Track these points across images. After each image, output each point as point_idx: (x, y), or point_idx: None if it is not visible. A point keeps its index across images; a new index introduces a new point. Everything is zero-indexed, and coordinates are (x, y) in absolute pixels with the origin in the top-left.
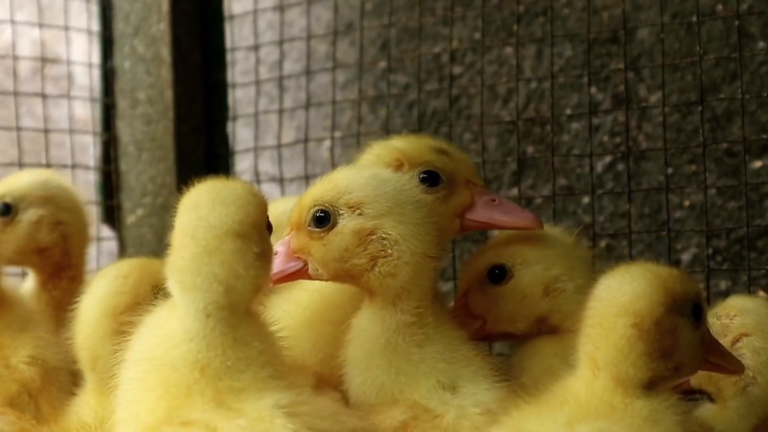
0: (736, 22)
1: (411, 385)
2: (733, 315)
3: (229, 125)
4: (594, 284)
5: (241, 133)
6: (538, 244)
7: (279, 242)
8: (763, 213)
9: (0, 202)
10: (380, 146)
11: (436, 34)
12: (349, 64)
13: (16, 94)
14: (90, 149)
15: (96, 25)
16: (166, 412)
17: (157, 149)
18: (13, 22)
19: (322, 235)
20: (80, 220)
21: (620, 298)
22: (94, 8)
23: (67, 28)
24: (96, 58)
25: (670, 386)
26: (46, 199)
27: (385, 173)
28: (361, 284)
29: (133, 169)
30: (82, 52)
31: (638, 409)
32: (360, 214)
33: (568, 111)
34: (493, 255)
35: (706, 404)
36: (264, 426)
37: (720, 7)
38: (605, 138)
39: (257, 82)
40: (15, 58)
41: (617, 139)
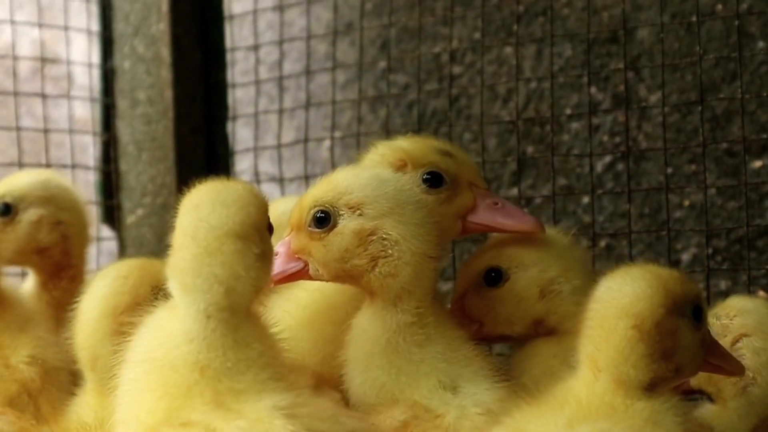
0: (736, 22)
1: (411, 386)
2: (733, 315)
3: (229, 125)
4: (591, 285)
5: (240, 133)
6: (534, 246)
7: (279, 243)
8: (763, 213)
9: (0, 202)
10: (384, 146)
11: (435, 34)
12: (348, 64)
13: (16, 94)
14: (90, 149)
15: (96, 25)
16: (165, 414)
17: (157, 149)
18: (12, 22)
19: (323, 236)
20: (80, 220)
21: (621, 299)
22: (94, 8)
23: (66, 28)
24: (96, 58)
25: (670, 387)
26: (46, 199)
27: (386, 174)
28: (362, 285)
29: (133, 169)
30: (82, 52)
31: (639, 410)
32: (360, 215)
33: (568, 111)
34: (489, 258)
35: (705, 404)
36: (263, 427)
37: (720, 6)
38: (605, 138)
39: (257, 82)
40: (15, 58)
41: (617, 139)
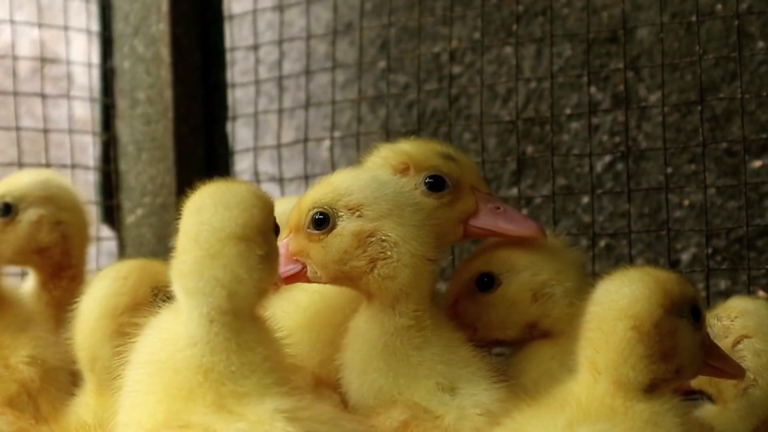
0: (736, 22)
1: (410, 387)
2: (734, 317)
3: (229, 125)
4: (584, 286)
5: (240, 133)
6: (525, 250)
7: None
8: (763, 212)
9: (0, 202)
10: (387, 149)
11: (435, 34)
12: (348, 64)
13: (16, 94)
14: (89, 149)
15: (95, 25)
16: (165, 416)
17: (157, 149)
18: (12, 22)
19: (321, 238)
20: (80, 220)
21: (619, 301)
22: (94, 8)
23: (66, 28)
24: (95, 58)
25: (671, 389)
26: (46, 198)
27: (385, 176)
28: (360, 287)
29: (133, 169)
30: (82, 52)
31: (639, 411)
32: (359, 216)
33: (568, 111)
34: (481, 263)
35: (706, 405)
36: (263, 429)
37: (719, 6)
38: (605, 138)
39: (257, 82)
40: (15, 58)
41: (617, 139)
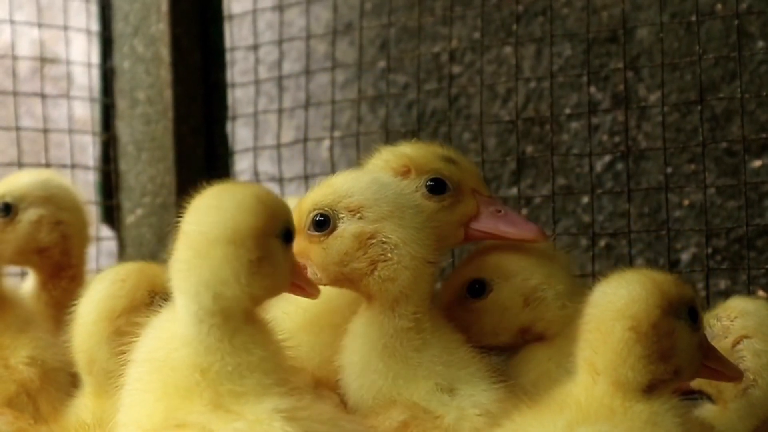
0: (736, 22)
1: (409, 388)
2: (734, 317)
3: (229, 125)
4: (575, 288)
5: (240, 133)
6: (515, 255)
7: None
8: (763, 212)
9: (0, 202)
10: (388, 152)
11: (435, 34)
12: (348, 64)
13: (16, 94)
14: (89, 149)
15: (95, 25)
16: (163, 415)
17: (157, 149)
18: (12, 22)
19: (322, 239)
20: (80, 220)
21: (616, 302)
22: (94, 8)
23: (66, 28)
24: (95, 58)
25: (670, 390)
26: (46, 198)
27: (385, 178)
28: (360, 289)
29: (133, 169)
30: (82, 52)
31: (638, 412)
32: (360, 218)
33: (568, 110)
34: (471, 270)
35: (706, 405)
36: (261, 429)
37: (719, 6)
38: (604, 137)
39: (256, 82)
40: (14, 58)
41: (616, 139)
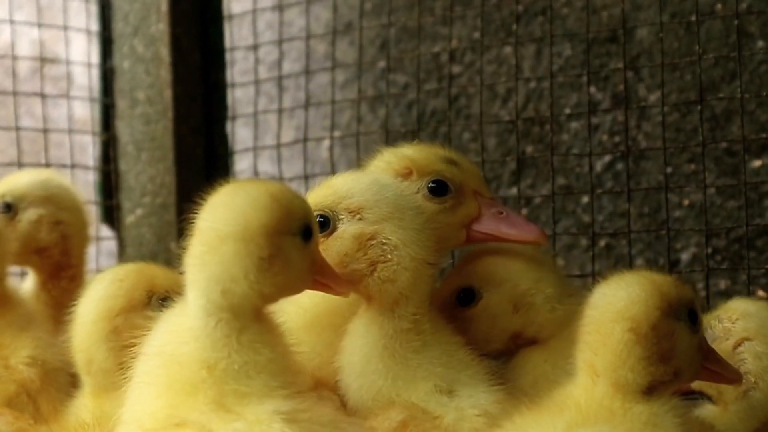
0: (736, 22)
1: (408, 389)
2: (735, 319)
3: (229, 125)
4: (564, 290)
5: (240, 133)
6: (502, 261)
7: None
8: (763, 212)
9: (0, 202)
10: (390, 154)
11: (435, 34)
12: (348, 64)
13: (16, 93)
14: (89, 149)
15: (95, 25)
16: (166, 412)
17: (157, 149)
18: (12, 21)
19: (322, 240)
20: (80, 220)
21: (616, 304)
22: (93, 8)
23: (66, 28)
24: (95, 58)
25: (669, 392)
26: (46, 198)
27: (385, 179)
28: (360, 289)
29: (133, 169)
30: (82, 52)
31: (638, 413)
32: (360, 219)
33: (568, 110)
34: (460, 278)
35: (706, 405)
36: (261, 430)
37: (719, 6)
38: (604, 137)
39: (256, 82)
40: (14, 58)
41: (616, 139)
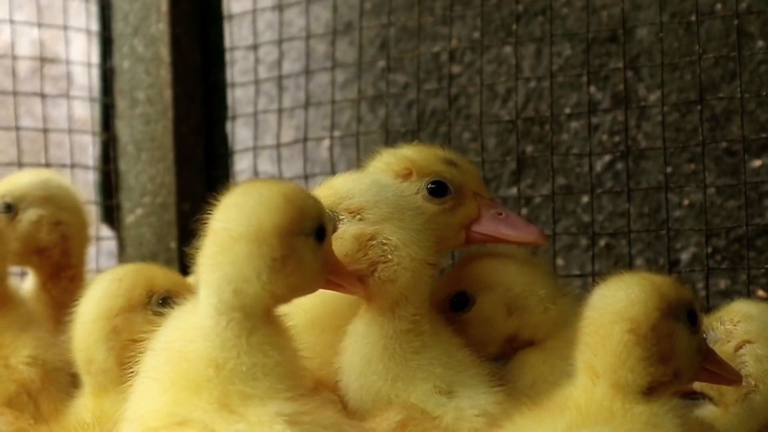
0: (735, 22)
1: (408, 390)
2: (737, 321)
3: (229, 125)
4: (556, 291)
5: (240, 133)
6: (495, 265)
7: None
8: (763, 212)
9: (0, 202)
10: (389, 155)
11: (435, 34)
12: (348, 64)
13: (16, 93)
14: (89, 149)
15: (95, 25)
16: (169, 409)
17: (157, 149)
18: (12, 21)
19: None
20: (80, 220)
21: (615, 305)
22: (93, 8)
23: (66, 27)
24: (95, 57)
25: (669, 392)
26: (46, 199)
27: (386, 179)
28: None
29: (133, 169)
30: (82, 52)
31: (638, 414)
32: (360, 220)
33: (567, 110)
34: (453, 283)
35: (707, 405)
36: (262, 431)
37: (719, 6)
38: (604, 137)
39: (256, 82)
40: (14, 57)
41: (616, 138)
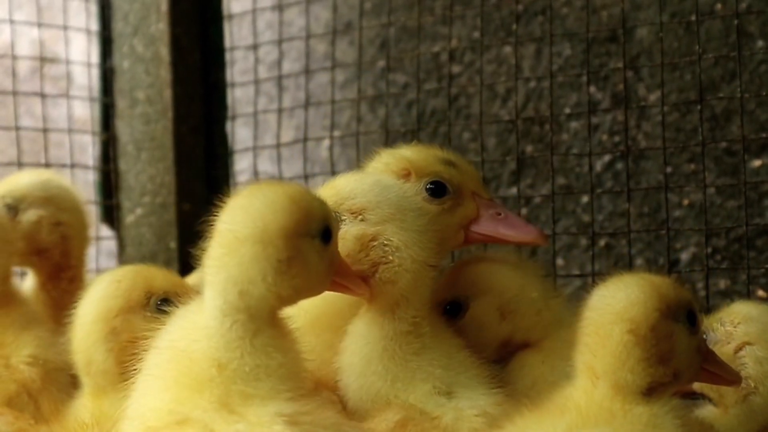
0: (735, 21)
1: (407, 391)
2: (737, 322)
3: (228, 125)
4: (548, 293)
5: (240, 133)
6: (486, 271)
7: None
8: (762, 212)
9: (0, 203)
10: (388, 155)
11: (435, 34)
12: (348, 64)
13: (16, 93)
14: (89, 149)
15: (95, 25)
16: (169, 407)
17: (156, 149)
18: (12, 21)
19: None
20: (80, 221)
21: (615, 305)
22: (93, 8)
23: (66, 27)
24: (95, 57)
25: (669, 393)
26: (46, 199)
27: (388, 180)
28: None
29: (132, 169)
30: (81, 52)
31: (638, 415)
32: (362, 220)
33: (567, 110)
34: (445, 290)
35: (707, 406)
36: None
37: (719, 6)
38: (604, 137)
39: (256, 82)
40: (14, 57)
41: (616, 138)
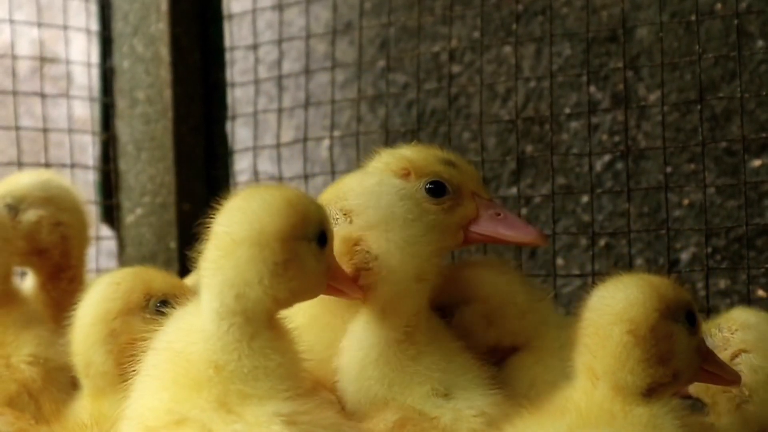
0: (735, 21)
1: (404, 394)
2: (735, 329)
3: (228, 124)
4: (532, 296)
5: (240, 133)
6: (472, 278)
7: None
8: (762, 212)
9: (1, 203)
10: (388, 155)
11: (435, 34)
12: (348, 64)
13: (15, 93)
14: (89, 149)
15: (95, 25)
16: (168, 407)
17: (156, 149)
18: (12, 21)
19: None
20: (80, 221)
21: (614, 306)
22: (93, 8)
23: (66, 27)
24: (95, 57)
25: (669, 394)
26: (46, 199)
27: (390, 184)
28: None
29: (132, 169)
30: (81, 52)
31: (638, 415)
32: (350, 222)
33: (567, 110)
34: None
35: (701, 416)
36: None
37: (719, 6)
38: (604, 137)
39: (256, 82)
40: (14, 57)
41: (616, 138)
